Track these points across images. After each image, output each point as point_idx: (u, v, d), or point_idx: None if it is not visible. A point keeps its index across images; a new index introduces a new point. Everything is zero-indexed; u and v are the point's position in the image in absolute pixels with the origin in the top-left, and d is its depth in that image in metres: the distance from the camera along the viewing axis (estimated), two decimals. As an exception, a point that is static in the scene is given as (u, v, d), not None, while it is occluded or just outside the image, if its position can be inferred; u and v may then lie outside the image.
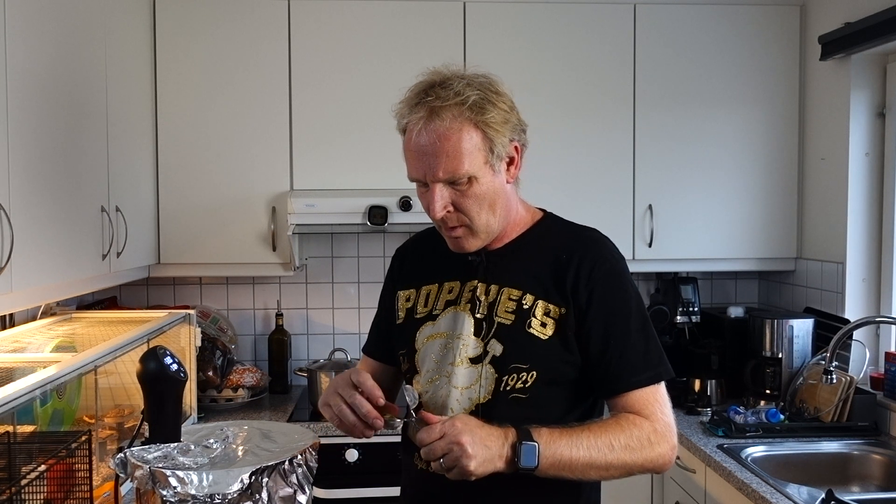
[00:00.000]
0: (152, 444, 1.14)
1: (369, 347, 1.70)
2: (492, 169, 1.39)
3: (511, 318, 1.44)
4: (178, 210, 2.96)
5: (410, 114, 1.38)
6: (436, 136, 1.35)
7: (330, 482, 2.69)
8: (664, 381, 1.44)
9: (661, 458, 1.39)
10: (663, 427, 1.39)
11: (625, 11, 3.05)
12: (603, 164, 3.08)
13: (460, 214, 1.41)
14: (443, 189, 1.38)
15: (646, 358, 1.42)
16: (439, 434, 1.25)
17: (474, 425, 1.27)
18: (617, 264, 1.47)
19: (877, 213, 2.84)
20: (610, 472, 1.36)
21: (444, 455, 1.25)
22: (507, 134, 1.40)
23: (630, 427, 1.37)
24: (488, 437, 1.27)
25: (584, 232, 1.52)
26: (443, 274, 1.54)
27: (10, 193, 1.71)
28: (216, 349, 2.98)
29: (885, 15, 2.52)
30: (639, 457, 1.36)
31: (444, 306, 1.51)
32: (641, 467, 1.38)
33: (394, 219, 2.87)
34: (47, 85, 1.95)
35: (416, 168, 1.40)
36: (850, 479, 2.47)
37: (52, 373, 1.73)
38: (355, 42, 2.99)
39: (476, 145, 1.36)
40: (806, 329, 2.87)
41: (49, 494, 1.66)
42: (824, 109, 2.99)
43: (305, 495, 1.13)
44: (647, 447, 1.36)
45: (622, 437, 1.35)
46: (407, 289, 1.58)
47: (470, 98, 1.35)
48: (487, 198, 1.40)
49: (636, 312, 1.44)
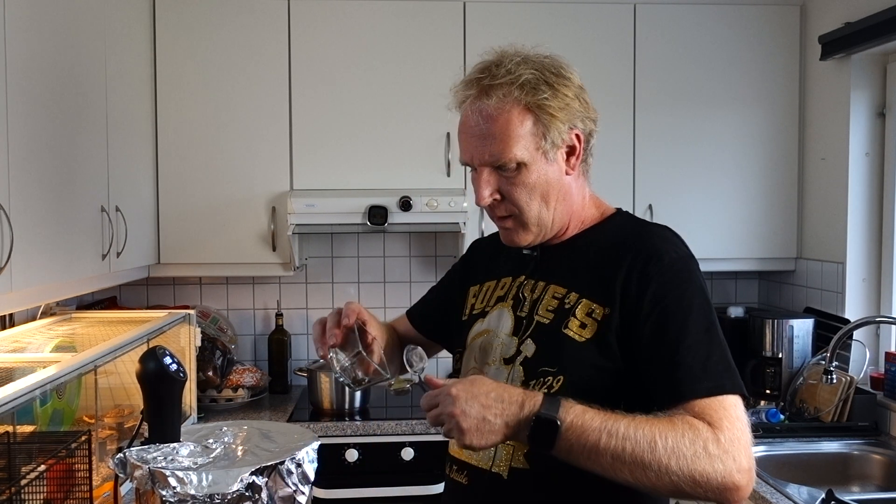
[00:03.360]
0: (152, 444, 1.14)
1: (413, 311, 1.66)
2: (545, 157, 1.30)
3: (550, 318, 1.33)
4: (178, 210, 2.96)
5: (464, 91, 1.32)
6: (483, 117, 1.28)
7: (330, 482, 2.69)
8: (733, 395, 1.22)
9: (723, 478, 1.13)
10: (730, 440, 1.15)
11: (625, 11, 3.05)
12: (603, 164, 3.05)
13: (508, 204, 1.32)
14: (490, 175, 1.30)
15: (707, 364, 1.22)
16: (435, 402, 1.18)
17: (478, 391, 1.15)
18: (679, 260, 1.30)
19: (877, 213, 2.84)
20: (648, 477, 1.13)
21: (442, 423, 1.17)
22: (566, 120, 1.30)
23: (685, 427, 1.15)
24: (494, 406, 1.14)
25: (652, 227, 1.38)
26: (502, 269, 1.47)
27: (9, 193, 1.71)
28: (216, 349, 2.98)
29: (885, 15, 2.52)
30: (689, 466, 1.12)
31: (494, 302, 1.44)
32: (692, 481, 1.13)
33: (394, 219, 2.87)
34: (47, 85, 1.95)
35: (465, 150, 1.33)
36: (850, 479, 2.47)
37: (52, 373, 1.73)
38: (355, 42, 2.99)
39: (527, 129, 1.28)
40: (806, 329, 2.86)
41: (49, 494, 1.66)
42: (824, 109, 2.99)
43: (305, 495, 1.12)
44: (702, 457, 1.13)
45: (672, 435, 1.13)
46: (475, 284, 1.52)
47: (521, 77, 1.27)
48: (539, 188, 1.30)
49: (699, 312, 1.26)
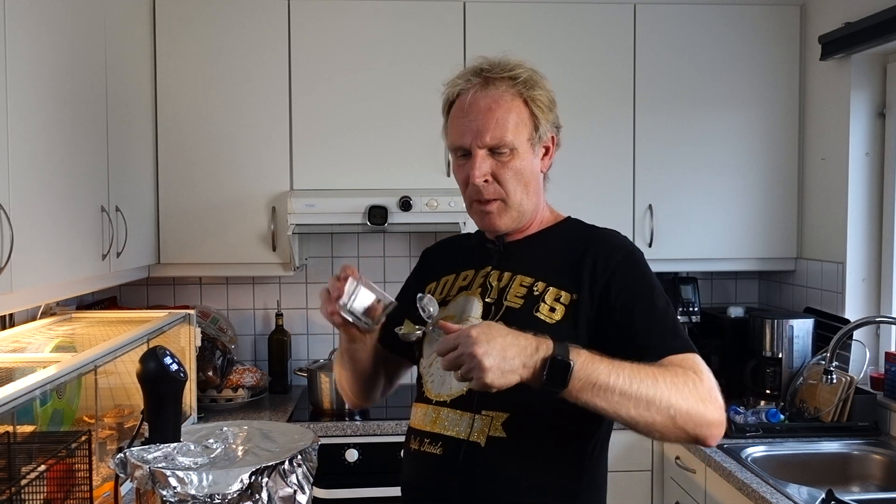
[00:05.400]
0: (152, 444, 1.14)
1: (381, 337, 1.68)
2: (532, 148, 1.45)
3: (520, 303, 1.44)
4: (178, 210, 2.96)
5: (465, 82, 1.44)
6: (488, 102, 1.41)
7: (330, 482, 2.69)
8: (696, 354, 1.35)
9: (710, 419, 1.27)
10: (708, 390, 1.29)
11: (625, 11, 3.05)
12: (603, 164, 3.08)
13: (497, 186, 1.43)
14: (485, 157, 1.42)
15: (675, 329, 1.38)
16: (454, 345, 1.21)
17: (496, 334, 1.20)
18: (634, 252, 1.47)
19: (877, 213, 2.84)
20: (651, 413, 1.24)
21: (460, 367, 1.21)
22: (551, 120, 1.47)
23: (676, 370, 1.28)
24: (511, 347, 1.20)
25: (604, 229, 1.54)
26: (461, 265, 1.57)
27: (10, 193, 1.71)
28: (216, 349, 2.98)
29: (885, 15, 2.52)
30: (686, 402, 1.25)
31: (456, 292, 1.53)
32: (688, 416, 1.25)
33: (394, 219, 2.87)
34: (48, 85, 1.95)
35: (463, 133, 1.43)
36: (850, 479, 2.47)
37: (52, 373, 1.73)
38: (355, 42, 2.99)
39: (523, 120, 1.43)
40: (806, 329, 2.86)
41: (49, 494, 1.66)
42: (824, 109, 2.99)
43: (305, 495, 1.12)
44: (695, 396, 1.26)
45: (668, 375, 1.26)
46: (432, 282, 1.61)
47: (522, 74, 1.44)
48: (524, 175, 1.44)
49: (658, 291, 1.42)
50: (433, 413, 1.46)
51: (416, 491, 1.50)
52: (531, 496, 1.40)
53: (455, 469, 1.40)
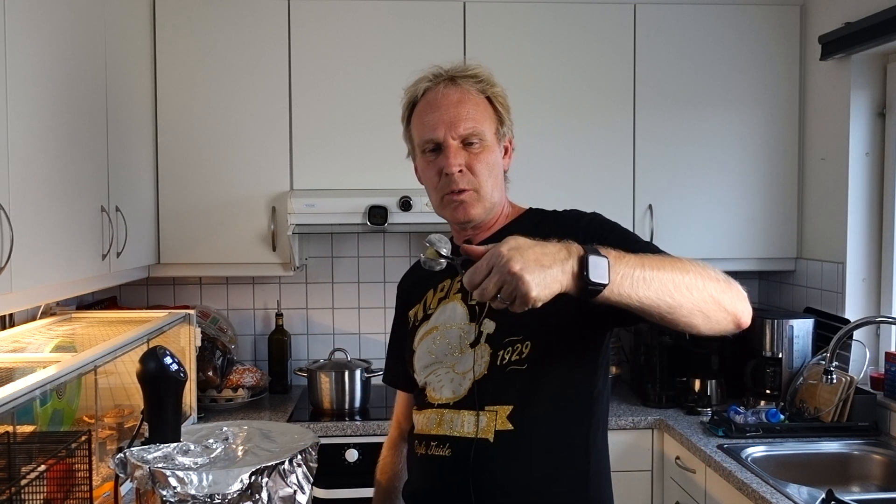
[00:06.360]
0: (152, 444, 1.14)
1: (389, 377, 1.72)
2: (498, 143, 1.49)
3: None
4: (178, 210, 2.96)
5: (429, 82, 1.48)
6: (458, 96, 1.45)
7: (330, 482, 2.69)
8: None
9: (743, 293, 1.26)
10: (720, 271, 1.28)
11: (625, 11, 3.05)
12: (603, 164, 3.08)
13: (471, 177, 1.45)
14: (458, 149, 1.44)
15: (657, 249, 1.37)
16: (487, 269, 1.12)
17: (524, 246, 1.13)
18: (597, 215, 1.51)
19: (877, 213, 2.84)
20: (693, 295, 1.20)
21: (499, 290, 1.12)
22: (509, 119, 1.51)
23: (698, 261, 1.26)
24: (544, 256, 1.13)
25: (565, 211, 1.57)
26: (436, 279, 1.55)
27: (10, 193, 1.71)
28: (216, 349, 2.99)
29: (885, 15, 2.52)
30: (717, 276, 1.24)
31: (437, 304, 1.54)
32: (725, 292, 1.23)
33: (394, 219, 2.87)
34: (48, 85, 1.95)
35: (436, 127, 1.44)
36: (850, 479, 2.47)
37: (52, 373, 1.73)
38: (355, 42, 2.99)
39: (489, 115, 1.48)
40: (806, 329, 2.87)
41: (49, 494, 1.66)
42: (824, 109, 2.99)
43: (305, 495, 1.12)
44: (718, 273, 1.25)
45: (693, 263, 1.24)
46: (412, 308, 1.61)
47: (482, 74, 1.49)
48: (494, 168, 1.47)
49: (636, 234, 1.46)
50: (437, 416, 1.46)
51: (425, 496, 1.49)
52: (545, 486, 1.40)
53: (467, 469, 1.39)
